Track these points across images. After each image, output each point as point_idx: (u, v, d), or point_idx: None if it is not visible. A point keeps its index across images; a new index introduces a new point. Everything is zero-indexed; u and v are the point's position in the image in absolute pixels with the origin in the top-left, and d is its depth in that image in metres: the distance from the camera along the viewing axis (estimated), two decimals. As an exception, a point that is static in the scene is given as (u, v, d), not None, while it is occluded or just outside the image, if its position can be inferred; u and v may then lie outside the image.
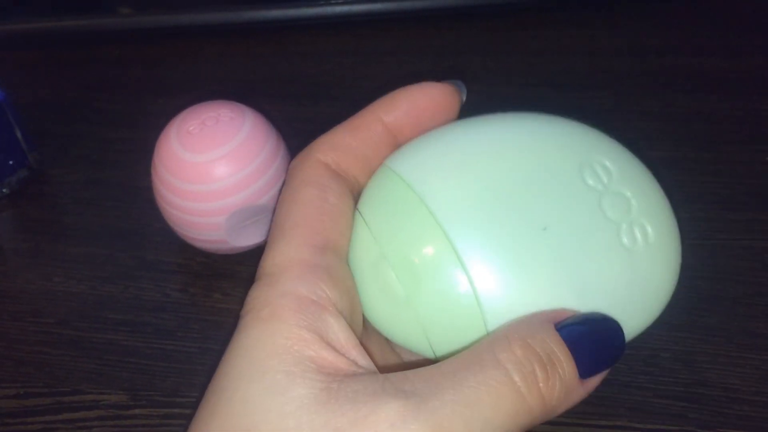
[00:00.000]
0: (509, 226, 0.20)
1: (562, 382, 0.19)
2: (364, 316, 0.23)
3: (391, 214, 0.22)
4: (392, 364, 0.24)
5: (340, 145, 0.24)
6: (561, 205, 0.21)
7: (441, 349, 0.22)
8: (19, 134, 0.42)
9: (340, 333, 0.20)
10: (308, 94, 0.49)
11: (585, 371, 0.20)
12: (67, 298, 0.36)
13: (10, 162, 0.42)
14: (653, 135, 0.44)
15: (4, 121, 0.41)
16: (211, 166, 0.32)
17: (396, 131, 0.24)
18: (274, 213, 0.23)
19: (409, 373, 0.19)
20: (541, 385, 0.19)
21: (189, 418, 0.20)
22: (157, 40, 0.55)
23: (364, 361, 0.20)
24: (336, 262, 0.22)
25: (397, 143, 0.24)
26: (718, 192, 0.40)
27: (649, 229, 0.22)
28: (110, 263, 0.38)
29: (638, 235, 0.22)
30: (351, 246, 0.23)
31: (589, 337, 0.20)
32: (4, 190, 0.42)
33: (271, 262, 0.21)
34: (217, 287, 0.36)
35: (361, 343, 0.21)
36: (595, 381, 0.20)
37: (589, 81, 0.49)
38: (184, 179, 0.33)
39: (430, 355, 0.22)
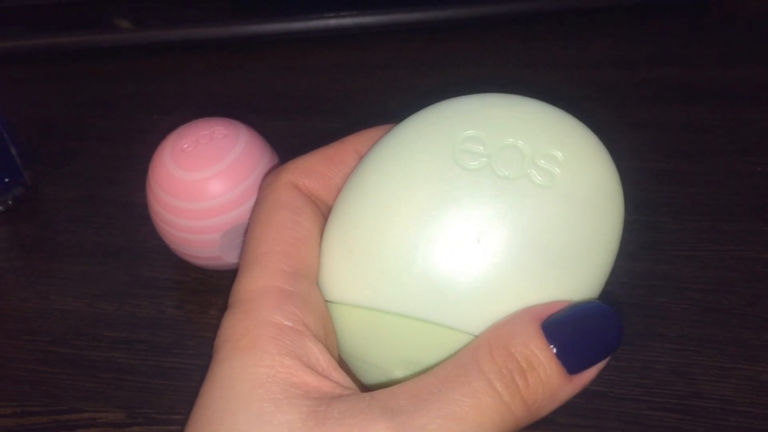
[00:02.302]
0: (453, 266, 0.20)
1: (544, 386, 0.19)
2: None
3: (370, 338, 0.22)
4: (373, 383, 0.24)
5: (313, 172, 0.24)
6: (469, 207, 0.20)
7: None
8: (13, 151, 0.42)
9: (320, 357, 0.20)
10: (301, 108, 0.50)
11: (574, 367, 0.19)
12: (63, 316, 0.36)
13: (5, 179, 0.42)
14: (644, 146, 0.44)
15: (0, 139, 0.41)
16: (205, 183, 0.33)
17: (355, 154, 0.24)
18: (246, 233, 0.23)
19: (395, 389, 0.19)
20: (522, 392, 0.19)
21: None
22: (151, 55, 0.55)
23: (346, 381, 0.20)
24: (309, 288, 0.22)
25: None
26: (709, 203, 0.40)
27: (556, 153, 0.21)
28: (105, 281, 0.38)
29: (547, 165, 0.21)
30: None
31: (577, 332, 0.20)
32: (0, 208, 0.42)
33: (245, 288, 0.21)
34: (212, 303, 0.36)
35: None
36: (589, 374, 0.20)
37: (580, 93, 0.49)
38: (179, 197, 0.33)
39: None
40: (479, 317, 0.20)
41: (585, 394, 0.31)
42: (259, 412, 0.19)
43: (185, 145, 0.33)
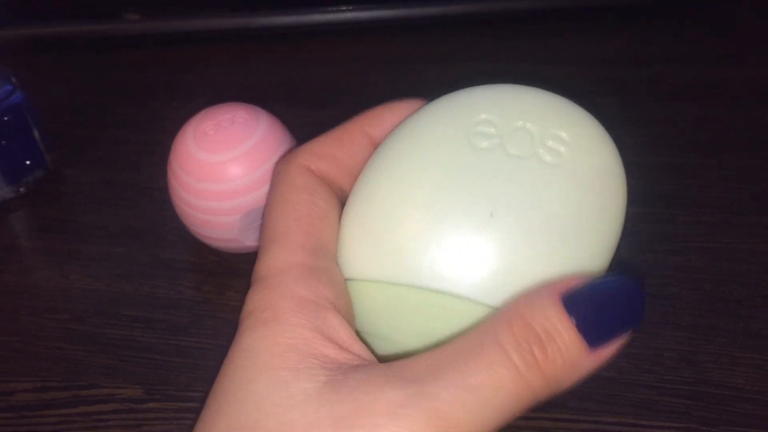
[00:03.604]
0: (467, 240, 0.21)
1: (564, 358, 0.19)
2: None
3: (384, 313, 0.22)
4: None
5: (325, 155, 0.25)
6: (483, 184, 0.21)
7: None
8: (36, 135, 0.43)
9: (340, 330, 0.21)
10: (318, 98, 0.50)
11: (594, 339, 0.19)
12: (84, 295, 0.37)
13: (28, 162, 0.43)
14: (658, 142, 0.45)
15: (23, 122, 0.42)
16: (226, 165, 0.33)
17: (379, 144, 0.25)
18: (264, 215, 0.24)
19: (411, 360, 0.19)
20: (540, 364, 0.19)
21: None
22: (172, 45, 0.56)
23: (366, 354, 0.20)
24: (330, 263, 0.22)
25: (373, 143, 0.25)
26: (721, 197, 0.40)
27: (562, 134, 0.22)
28: (125, 261, 0.38)
29: (554, 144, 0.22)
30: None
31: (597, 305, 0.19)
32: (21, 190, 0.43)
33: (266, 265, 0.22)
34: (229, 285, 0.37)
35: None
36: (610, 349, 0.20)
37: (595, 89, 0.50)
38: (199, 178, 0.33)
39: None
40: (493, 288, 0.21)
41: (596, 379, 0.31)
42: (276, 379, 0.19)
43: (207, 128, 0.34)
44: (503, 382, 0.18)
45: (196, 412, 0.31)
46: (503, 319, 0.19)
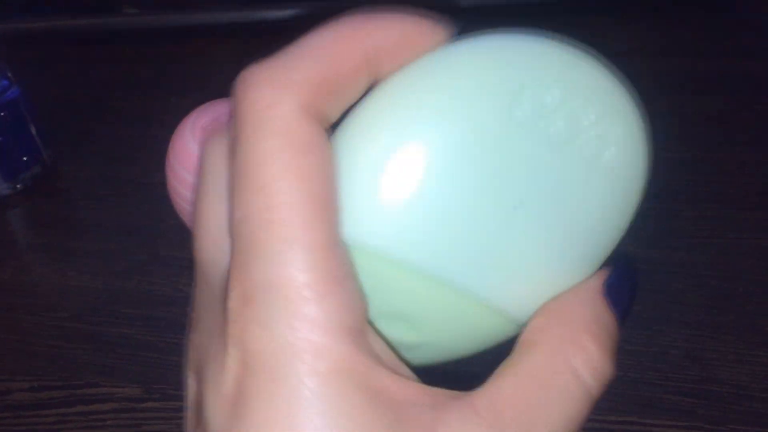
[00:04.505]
0: (477, 226, 0.19)
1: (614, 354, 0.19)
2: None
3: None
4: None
5: (320, 82, 0.17)
6: (516, 168, 0.19)
7: (465, 351, 0.21)
8: (33, 131, 0.42)
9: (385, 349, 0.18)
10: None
11: (622, 315, 0.19)
12: (81, 293, 0.36)
13: (25, 158, 0.42)
14: (662, 136, 0.44)
15: (19, 118, 0.41)
16: (225, 162, 0.33)
17: (376, 62, 0.18)
18: (244, 192, 0.16)
19: (494, 398, 0.17)
20: (605, 376, 0.18)
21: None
22: (170, 39, 0.56)
23: (409, 372, 0.18)
24: (351, 263, 0.18)
25: (374, 76, 0.18)
26: (727, 192, 0.40)
27: (609, 128, 0.20)
28: (123, 258, 0.38)
29: (600, 141, 0.20)
30: None
31: (626, 292, 0.19)
32: (18, 186, 0.42)
33: (289, 277, 0.16)
34: (229, 283, 0.37)
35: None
36: None
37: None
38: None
39: (449, 359, 0.22)
40: (488, 279, 0.19)
41: (600, 377, 0.31)
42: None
43: (206, 123, 0.33)
44: (584, 412, 0.18)
45: (195, 411, 0.31)
46: (570, 341, 0.18)
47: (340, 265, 0.17)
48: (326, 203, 0.17)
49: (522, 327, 0.20)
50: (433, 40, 0.19)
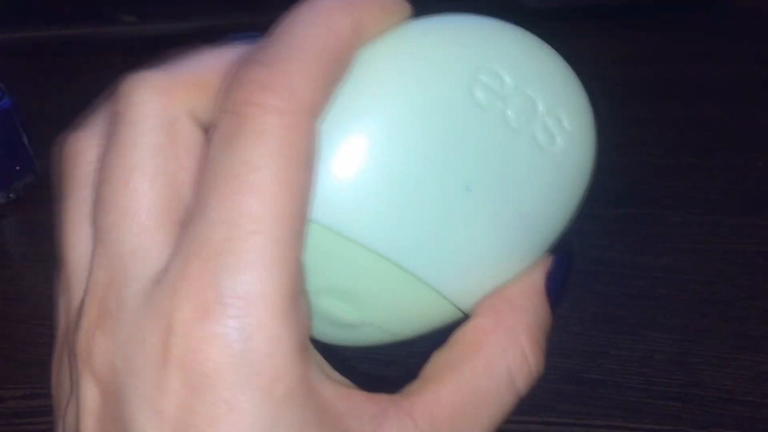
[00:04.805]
0: (427, 206, 0.18)
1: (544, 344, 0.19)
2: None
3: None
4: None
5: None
6: (471, 149, 0.19)
7: (407, 335, 0.21)
8: (25, 140, 0.42)
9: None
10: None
11: (556, 306, 0.20)
12: (73, 301, 0.37)
13: (17, 168, 0.42)
14: (648, 142, 0.45)
15: (12, 128, 0.41)
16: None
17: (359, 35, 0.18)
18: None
19: (432, 407, 0.18)
20: (537, 369, 0.19)
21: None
22: (162, 47, 0.56)
23: (342, 377, 0.18)
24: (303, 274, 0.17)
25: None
26: (711, 197, 0.40)
27: (562, 116, 0.20)
28: (115, 267, 0.38)
29: (553, 129, 0.20)
30: None
31: (562, 281, 0.20)
32: (11, 195, 0.43)
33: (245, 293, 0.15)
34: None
35: None
36: None
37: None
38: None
39: (390, 342, 0.21)
40: (435, 262, 0.19)
41: (585, 382, 0.31)
42: None
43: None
44: (508, 413, 0.18)
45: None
46: (514, 346, 0.19)
47: (299, 279, 0.16)
48: (301, 217, 0.16)
49: (465, 314, 0.20)
50: (393, 19, 0.19)
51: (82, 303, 0.17)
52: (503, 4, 0.56)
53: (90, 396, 0.17)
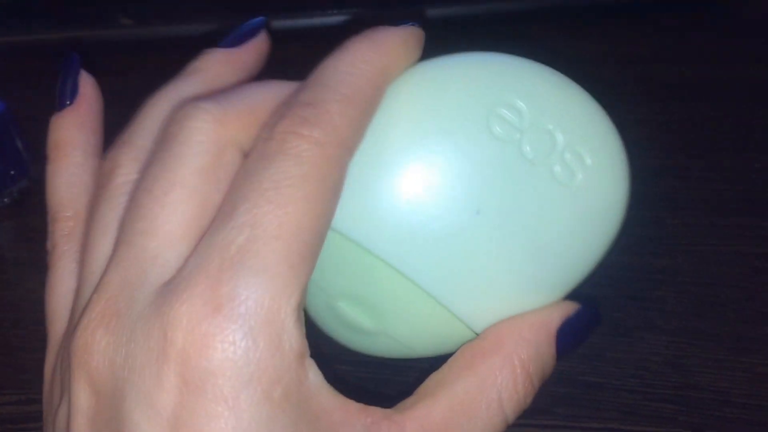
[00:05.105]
0: (440, 226, 0.19)
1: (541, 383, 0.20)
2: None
3: (323, 259, 0.19)
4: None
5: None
6: (483, 177, 0.19)
7: (422, 350, 0.22)
8: (20, 145, 0.42)
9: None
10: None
11: (563, 354, 0.20)
12: (68, 306, 0.37)
13: (12, 172, 0.42)
14: (645, 143, 0.44)
15: (6, 132, 0.41)
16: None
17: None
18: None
19: (426, 427, 0.18)
20: (525, 400, 0.19)
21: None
22: (157, 52, 0.56)
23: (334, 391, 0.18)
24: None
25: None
26: (708, 198, 0.40)
27: (583, 153, 0.20)
28: (110, 271, 0.38)
29: (573, 165, 0.20)
30: None
31: (579, 337, 0.20)
32: (5, 200, 0.42)
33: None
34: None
35: None
36: None
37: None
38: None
39: (406, 355, 0.22)
40: (446, 281, 0.20)
41: (582, 385, 0.31)
42: None
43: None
44: (497, 429, 0.19)
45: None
46: (508, 381, 0.19)
47: (305, 294, 0.17)
48: (321, 239, 0.17)
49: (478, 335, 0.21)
50: (414, 58, 0.21)
51: (88, 302, 0.18)
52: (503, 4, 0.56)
53: (83, 396, 0.17)
